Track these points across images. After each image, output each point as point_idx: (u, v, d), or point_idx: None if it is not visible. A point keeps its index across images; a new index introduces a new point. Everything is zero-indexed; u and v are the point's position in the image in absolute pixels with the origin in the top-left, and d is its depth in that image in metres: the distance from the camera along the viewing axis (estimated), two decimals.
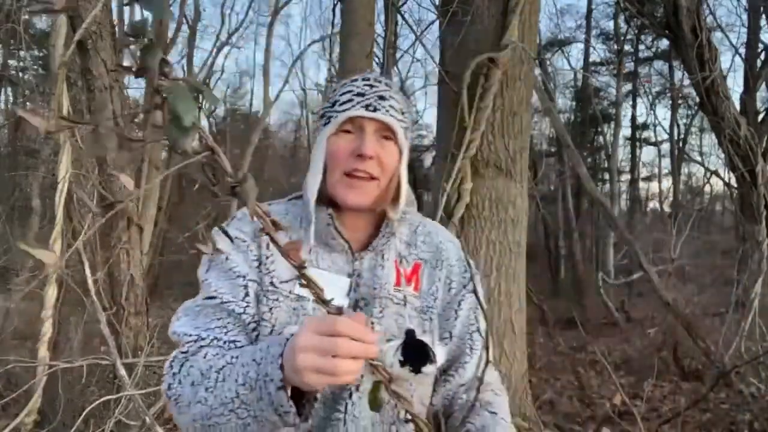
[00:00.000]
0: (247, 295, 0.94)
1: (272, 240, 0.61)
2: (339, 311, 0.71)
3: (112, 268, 3.57)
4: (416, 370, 0.88)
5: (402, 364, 0.88)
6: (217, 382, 0.82)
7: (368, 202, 0.95)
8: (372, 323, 0.93)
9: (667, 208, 18.55)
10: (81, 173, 3.40)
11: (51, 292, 3.13)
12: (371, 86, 0.96)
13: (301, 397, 0.79)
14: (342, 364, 0.69)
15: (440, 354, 0.95)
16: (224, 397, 0.81)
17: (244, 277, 0.94)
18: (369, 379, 0.84)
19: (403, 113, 0.98)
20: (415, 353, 0.89)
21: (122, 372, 2.92)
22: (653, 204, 21.29)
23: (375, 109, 0.94)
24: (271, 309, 0.93)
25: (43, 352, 3.11)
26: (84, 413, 2.82)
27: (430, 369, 0.90)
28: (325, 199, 0.97)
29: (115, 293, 3.58)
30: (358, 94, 0.95)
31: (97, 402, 2.89)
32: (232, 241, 0.94)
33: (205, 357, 0.88)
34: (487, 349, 0.96)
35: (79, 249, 3.16)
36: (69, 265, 3.41)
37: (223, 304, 0.93)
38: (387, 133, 0.95)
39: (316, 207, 0.96)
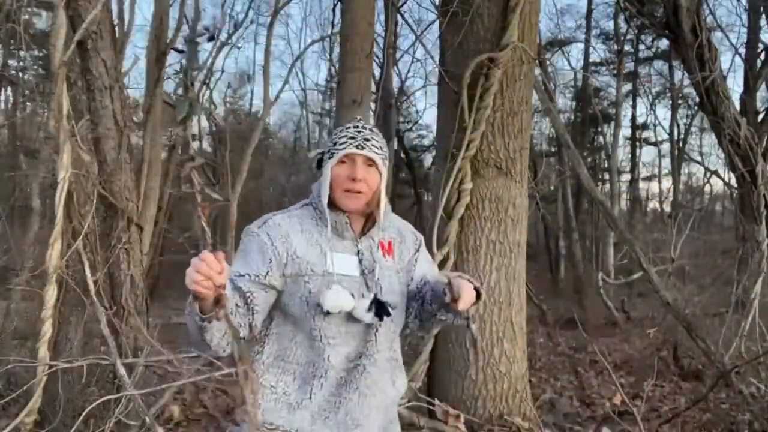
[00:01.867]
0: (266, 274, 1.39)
1: (201, 199, 0.94)
2: (212, 249, 1.12)
3: (112, 268, 3.57)
4: (380, 319, 1.40)
5: (375, 314, 1.39)
6: None
7: (360, 208, 1.43)
8: (371, 284, 1.43)
9: (667, 208, 18.57)
10: (81, 173, 3.39)
11: (51, 292, 3.13)
12: (359, 131, 1.42)
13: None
14: (193, 274, 1.09)
15: (398, 303, 1.46)
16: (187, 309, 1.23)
17: (256, 272, 1.38)
18: (376, 358, 1.44)
19: (381, 149, 1.44)
20: (380, 308, 1.39)
21: (122, 372, 2.92)
22: (653, 204, 21.31)
23: (362, 148, 1.40)
24: (306, 282, 1.39)
25: (43, 352, 3.11)
26: (84, 413, 2.82)
27: (388, 319, 1.41)
28: (333, 206, 1.44)
29: (115, 293, 3.57)
30: (351, 138, 1.41)
31: (97, 402, 2.89)
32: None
33: None
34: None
35: (79, 249, 3.16)
36: (69, 265, 3.40)
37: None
38: (370, 162, 1.42)
39: (331, 211, 1.43)
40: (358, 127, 1.44)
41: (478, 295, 1.41)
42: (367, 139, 1.41)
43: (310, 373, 1.41)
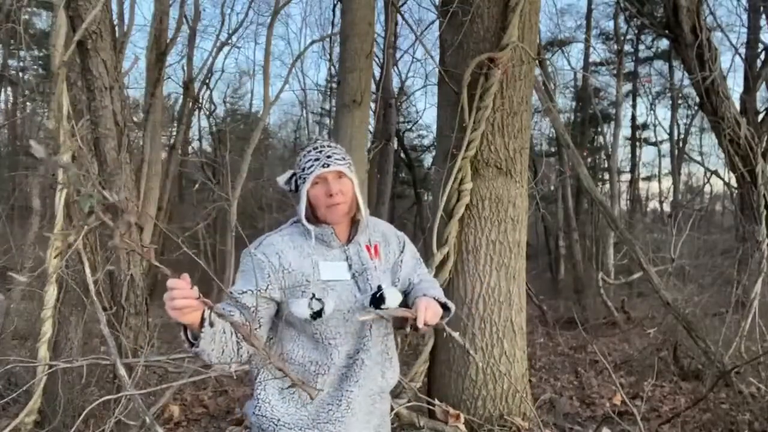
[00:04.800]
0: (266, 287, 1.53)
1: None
2: (173, 275, 1.20)
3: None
4: (377, 308, 1.51)
5: (370, 304, 1.52)
6: None
7: (344, 217, 1.57)
8: (363, 285, 1.58)
9: (667, 208, 18.56)
10: (81, 173, 3.39)
11: (51, 292, 3.13)
12: (320, 150, 1.56)
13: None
14: (175, 302, 1.18)
15: (393, 295, 1.53)
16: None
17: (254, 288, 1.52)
18: (375, 342, 1.59)
19: (344, 158, 1.57)
20: (376, 300, 1.52)
21: (122, 372, 2.92)
22: (653, 204, 21.31)
23: (328, 165, 1.53)
24: (303, 291, 1.51)
25: (43, 352, 3.11)
26: (84, 413, 2.82)
27: (384, 307, 1.51)
28: (318, 220, 1.58)
29: (115, 293, 3.58)
30: (315, 159, 1.55)
31: (97, 402, 2.89)
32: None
33: None
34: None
35: (79, 249, 3.16)
36: (69, 265, 3.40)
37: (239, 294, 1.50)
38: (339, 174, 1.55)
39: (316, 225, 1.57)
40: (317, 147, 1.59)
41: (446, 308, 1.59)
42: (329, 156, 1.56)
43: (313, 372, 1.55)
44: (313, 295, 1.51)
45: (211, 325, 1.30)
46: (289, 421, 1.53)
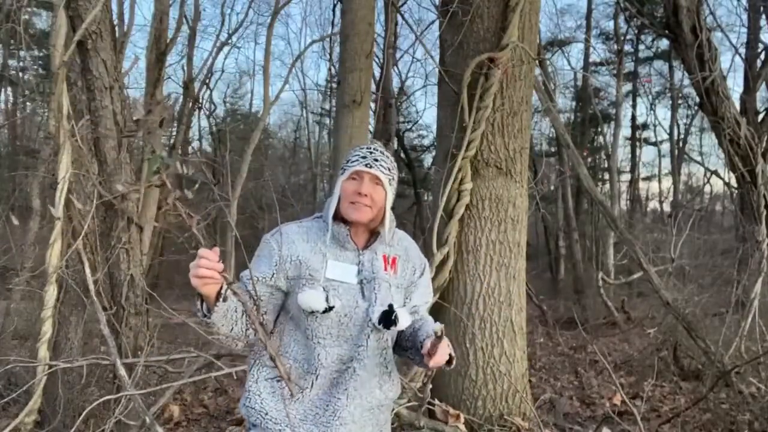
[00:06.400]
0: (272, 277, 1.56)
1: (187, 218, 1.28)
2: (206, 245, 1.30)
3: (112, 268, 3.56)
4: (387, 328, 1.53)
5: (379, 322, 1.51)
6: None
7: (363, 219, 1.55)
8: (368, 293, 1.56)
9: (667, 208, 18.57)
10: (81, 173, 3.39)
11: (51, 292, 3.13)
12: (371, 152, 1.58)
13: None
14: (199, 270, 1.27)
15: (405, 318, 1.54)
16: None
17: (263, 275, 1.56)
18: (370, 354, 1.55)
19: (389, 170, 1.58)
20: (388, 318, 1.51)
21: (122, 372, 2.92)
22: (653, 204, 21.31)
23: (371, 167, 1.55)
24: (303, 284, 1.52)
25: (43, 352, 3.11)
26: (84, 413, 2.82)
27: (394, 329, 1.54)
28: (338, 218, 1.57)
29: (115, 293, 3.57)
30: (362, 157, 1.56)
31: (97, 402, 2.89)
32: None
33: None
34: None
35: (79, 249, 3.16)
36: (69, 265, 3.40)
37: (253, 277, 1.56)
38: (377, 181, 1.56)
39: (334, 223, 1.57)
40: (370, 149, 1.60)
41: (449, 362, 1.48)
42: (376, 160, 1.57)
43: (304, 369, 1.55)
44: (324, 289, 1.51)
45: (224, 300, 1.36)
46: (276, 416, 1.52)
